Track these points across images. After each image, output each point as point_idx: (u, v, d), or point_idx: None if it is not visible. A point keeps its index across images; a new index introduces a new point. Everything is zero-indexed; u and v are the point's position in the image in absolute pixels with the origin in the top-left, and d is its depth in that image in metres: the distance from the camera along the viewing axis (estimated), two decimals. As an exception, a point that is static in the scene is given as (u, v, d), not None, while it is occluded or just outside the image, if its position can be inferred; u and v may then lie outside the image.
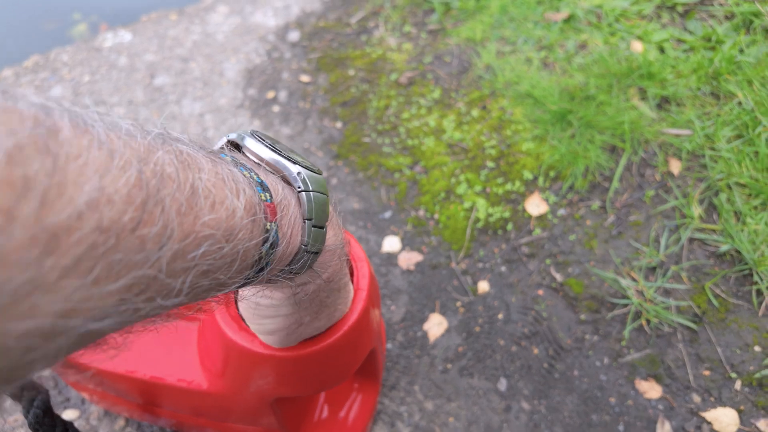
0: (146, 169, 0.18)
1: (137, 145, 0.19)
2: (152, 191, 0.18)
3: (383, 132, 1.12)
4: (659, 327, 0.81)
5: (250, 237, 0.24)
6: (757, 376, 0.75)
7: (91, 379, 0.61)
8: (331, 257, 0.34)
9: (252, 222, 0.24)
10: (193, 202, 0.20)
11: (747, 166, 0.90)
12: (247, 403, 0.53)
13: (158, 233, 0.18)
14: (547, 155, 1.00)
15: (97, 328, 0.17)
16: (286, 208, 0.28)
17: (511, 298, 0.87)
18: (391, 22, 1.36)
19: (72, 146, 0.16)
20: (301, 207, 0.29)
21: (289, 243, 0.28)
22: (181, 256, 0.19)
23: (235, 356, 0.47)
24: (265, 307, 0.38)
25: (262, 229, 0.25)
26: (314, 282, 0.35)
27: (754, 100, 0.97)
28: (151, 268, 0.18)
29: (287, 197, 0.28)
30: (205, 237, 0.20)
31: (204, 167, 0.22)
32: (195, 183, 0.20)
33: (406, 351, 0.83)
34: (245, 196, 0.23)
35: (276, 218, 0.26)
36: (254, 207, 0.24)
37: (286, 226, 0.27)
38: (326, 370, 0.48)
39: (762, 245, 0.82)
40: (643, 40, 1.16)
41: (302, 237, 0.29)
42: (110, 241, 0.16)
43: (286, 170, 0.29)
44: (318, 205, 0.29)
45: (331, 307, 0.40)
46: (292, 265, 0.29)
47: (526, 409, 0.77)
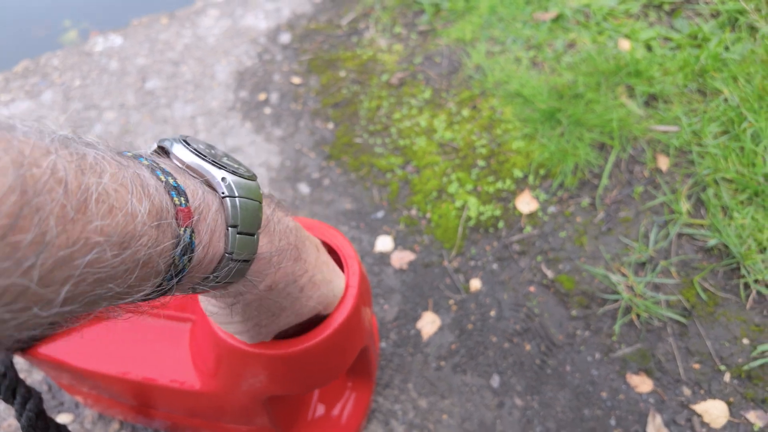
0: (30, 173, 0.17)
1: (28, 149, 0.18)
2: (30, 197, 0.17)
3: (375, 132, 1.13)
4: (649, 321, 0.82)
5: (155, 243, 0.23)
6: (745, 369, 0.76)
7: (84, 382, 0.61)
8: (266, 266, 0.33)
9: (156, 227, 0.23)
10: (84, 208, 0.19)
11: (733, 162, 0.91)
12: (240, 403, 0.54)
13: (34, 240, 0.17)
14: (536, 153, 1.01)
15: None
16: (205, 213, 0.27)
17: (503, 296, 0.88)
18: (381, 24, 1.37)
19: None
20: (225, 213, 0.28)
21: (208, 250, 0.27)
22: (64, 263, 0.18)
23: (226, 355, 0.47)
24: (217, 315, 0.38)
25: (171, 234, 0.24)
26: (251, 292, 0.33)
27: (739, 97, 0.99)
28: (22, 277, 0.17)
29: (207, 202, 0.27)
30: (96, 243, 0.19)
31: (107, 171, 0.21)
32: (89, 188, 0.20)
33: (399, 349, 0.84)
34: (150, 200, 0.23)
35: (190, 223, 0.25)
36: (161, 212, 0.23)
37: (203, 232, 0.26)
38: (317, 368, 0.48)
39: (749, 239, 0.83)
40: (630, 38, 1.17)
41: (225, 244, 0.28)
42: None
43: (209, 175, 0.28)
44: (246, 212, 0.28)
45: (291, 306, 0.39)
46: (216, 273, 0.28)
47: (519, 405, 0.78)
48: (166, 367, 0.54)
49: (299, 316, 0.42)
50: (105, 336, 0.57)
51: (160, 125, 1.19)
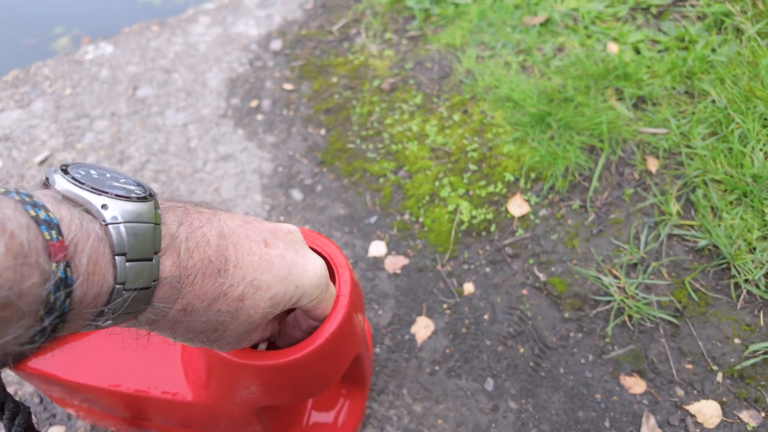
0: None
1: None
2: None
3: (367, 138, 1.13)
4: (642, 323, 0.82)
5: (17, 283, 0.21)
6: (738, 368, 0.77)
7: (75, 395, 0.61)
8: (172, 291, 0.30)
9: (18, 267, 0.21)
10: None
11: (722, 163, 0.92)
12: (233, 413, 0.53)
13: None
14: (527, 157, 1.02)
15: None
16: (82, 244, 0.25)
17: (496, 299, 0.88)
18: (372, 29, 1.37)
19: None
20: (110, 241, 0.26)
21: (92, 282, 0.25)
22: None
23: (216, 367, 0.47)
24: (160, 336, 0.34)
25: (38, 272, 0.22)
26: (166, 315, 0.31)
27: (726, 98, 1.00)
28: None
29: (87, 231, 0.25)
30: None
31: None
32: None
33: (394, 355, 0.84)
34: (10, 239, 0.21)
35: (64, 257, 0.24)
36: (21, 251, 0.22)
37: (82, 264, 0.25)
38: (310, 378, 0.48)
39: (738, 239, 0.84)
40: (618, 41, 1.18)
41: (114, 274, 0.26)
42: None
43: (87, 203, 0.27)
44: (135, 237, 0.27)
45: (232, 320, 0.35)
46: (110, 305, 0.27)
47: (513, 409, 0.78)
48: (158, 378, 0.54)
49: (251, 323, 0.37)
50: (95, 349, 0.57)
51: (152, 133, 1.19)
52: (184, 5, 1.81)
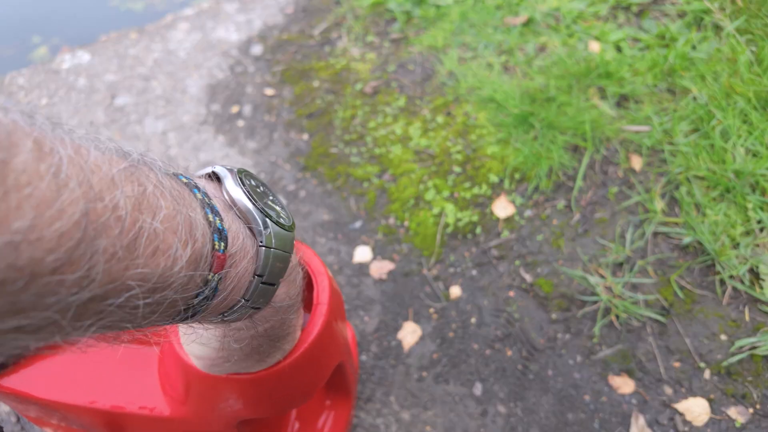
0: (95, 208, 0.17)
1: (97, 180, 0.17)
2: (89, 234, 0.16)
3: (350, 142, 1.12)
4: (629, 322, 0.82)
5: (183, 289, 0.22)
6: (724, 365, 0.77)
7: (52, 414, 0.59)
8: (274, 313, 0.33)
9: (189, 277, 0.22)
10: (131, 249, 0.19)
11: (704, 159, 0.92)
12: (214, 427, 0.52)
13: (80, 278, 0.17)
14: (511, 158, 1.01)
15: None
16: (238, 261, 0.26)
17: (483, 302, 0.87)
18: (353, 33, 1.36)
19: (24, 174, 0.15)
20: (257, 261, 0.28)
21: (228, 297, 0.27)
22: (97, 300, 0.18)
23: (193, 381, 0.46)
24: (196, 334, 0.37)
25: (201, 281, 0.23)
26: (247, 332, 0.33)
27: (707, 95, 1.00)
28: (58, 312, 0.17)
29: (246, 249, 0.27)
30: (131, 287, 0.19)
31: (162, 209, 0.20)
32: (143, 227, 0.19)
33: (380, 362, 0.82)
34: (194, 247, 0.22)
35: (222, 270, 0.25)
36: (199, 260, 0.23)
37: (230, 279, 0.26)
38: (291, 389, 0.47)
39: (722, 235, 0.84)
40: (600, 40, 1.18)
41: (245, 291, 0.28)
42: (21, 281, 0.15)
43: (255, 222, 0.28)
44: (275, 262, 0.28)
45: (264, 353, 0.39)
46: (225, 315, 0.28)
47: (502, 413, 0.77)
48: (135, 393, 0.52)
49: (260, 363, 0.41)
50: (70, 365, 0.55)
51: (131, 142, 1.17)
52: (166, 12, 1.79)
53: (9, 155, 0.15)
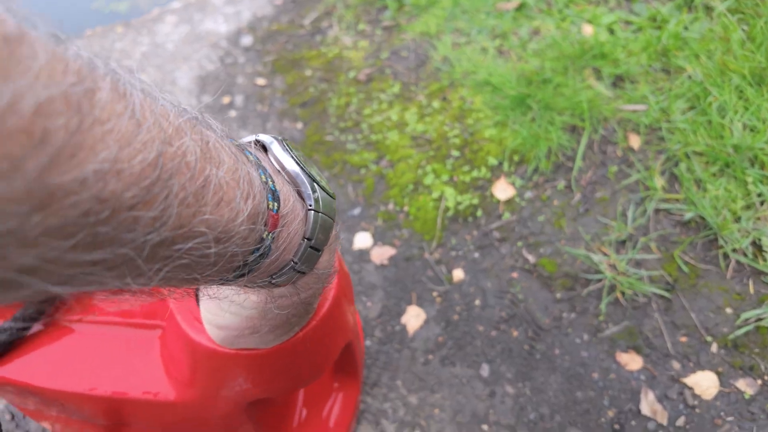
0: (167, 151, 0.18)
1: (167, 124, 0.18)
2: (164, 175, 0.17)
3: (346, 129, 1.10)
4: (634, 298, 0.81)
5: (241, 243, 0.23)
6: (731, 338, 0.76)
7: (51, 404, 0.56)
8: (315, 281, 0.33)
9: (249, 230, 0.23)
10: (200, 196, 0.19)
11: (702, 135, 0.92)
12: (221, 411, 0.50)
13: (154, 217, 0.17)
14: (509, 140, 1.01)
15: (55, 291, 0.17)
16: (290, 223, 0.27)
17: (486, 284, 0.86)
18: (345, 22, 1.35)
19: (104, 110, 0.15)
20: (306, 225, 0.28)
21: (279, 257, 0.27)
22: (167, 244, 0.19)
23: (202, 361, 0.44)
24: (231, 302, 0.36)
25: (257, 238, 0.24)
26: (290, 299, 0.33)
27: (702, 73, 1.00)
28: (133, 250, 0.17)
29: (295, 212, 0.27)
30: (199, 233, 0.20)
31: (225, 163, 0.21)
32: (209, 177, 0.20)
33: (385, 346, 0.81)
34: (253, 201, 0.23)
35: (275, 230, 0.25)
36: (258, 215, 0.23)
37: (282, 240, 0.27)
38: (300, 366, 0.45)
39: (723, 210, 0.84)
40: (593, 23, 1.18)
41: (294, 254, 0.28)
42: (104, 213, 0.16)
43: (303, 186, 0.28)
44: (322, 228, 0.29)
45: (287, 326, 0.39)
46: (274, 278, 0.29)
47: (510, 393, 0.76)
48: (137, 378, 0.50)
49: (280, 337, 0.40)
50: (68, 352, 0.53)
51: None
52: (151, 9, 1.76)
53: (94, 88, 0.15)
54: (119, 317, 0.54)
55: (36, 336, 0.53)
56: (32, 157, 0.13)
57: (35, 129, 0.13)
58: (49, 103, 0.14)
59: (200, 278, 0.23)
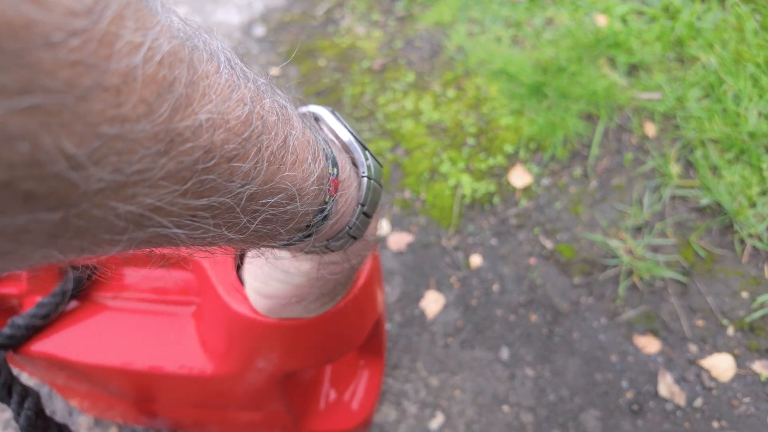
0: (256, 110, 0.19)
1: (252, 86, 0.20)
2: (255, 132, 0.19)
3: (361, 118, 1.11)
4: (651, 283, 0.82)
5: (311, 203, 0.24)
6: (747, 321, 0.77)
7: (82, 380, 0.57)
8: (364, 247, 0.35)
9: (318, 190, 0.24)
10: (280, 155, 0.21)
11: (717, 123, 0.93)
12: (254, 384, 0.51)
13: (248, 171, 0.19)
14: (525, 128, 1.01)
15: (171, 234, 0.18)
16: (347, 189, 0.28)
17: (504, 269, 0.87)
18: (357, 12, 1.35)
19: (204, 67, 0.17)
20: (360, 191, 0.30)
21: (338, 221, 0.29)
22: (256, 198, 0.20)
23: (240, 331, 0.45)
24: (282, 271, 0.37)
25: (321, 200, 0.25)
26: (341, 265, 0.35)
27: (717, 62, 1.01)
28: (232, 199, 0.19)
29: (351, 178, 0.29)
30: (281, 189, 0.21)
31: (296, 126, 0.23)
32: (288, 137, 0.21)
33: (405, 330, 0.82)
34: (320, 165, 0.24)
35: (336, 194, 0.27)
36: (323, 177, 0.25)
37: (341, 204, 0.28)
38: (336, 338, 0.46)
39: (739, 196, 0.85)
40: (606, 13, 1.19)
41: (351, 219, 0.30)
42: (211, 161, 0.17)
43: (357, 153, 0.30)
44: (373, 195, 0.30)
45: (331, 295, 0.40)
46: (330, 242, 0.30)
47: (530, 375, 0.77)
48: (173, 353, 0.51)
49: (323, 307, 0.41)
50: (105, 328, 0.54)
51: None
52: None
53: (194, 46, 0.17)
54: (153, 294, 0.55)
55: (73, 312, 0.54)
56: (161, 102, 0.15)
57: (161, 77, 0.15)
58: (171, 55, 0.15)
59: (278, 234, 0.24)
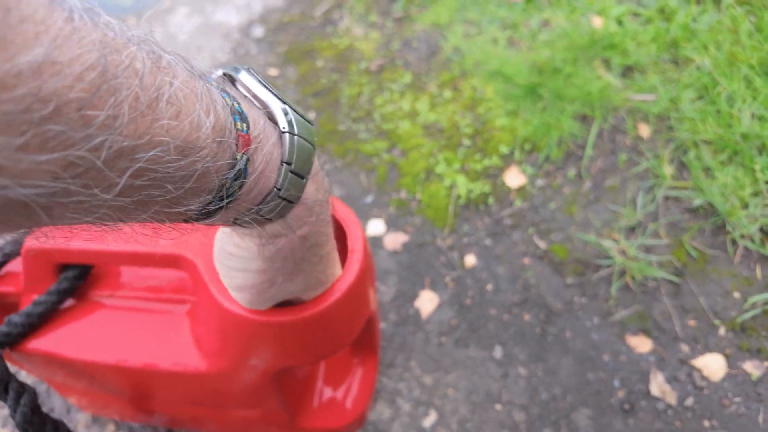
0: (111, 57, 0.18)
1: (110, 36, 0.18)
2: (109, 78, 0.17)
3: (358, 119, 1.12)
4: (644, 283, 0.83)
5: (214, 158, 0.23)
6: (739, 321, 0.78)
7: (79, 377, 0.58)
8: (307, 213, 0.33)
9: (218, 144, 0.23)
10: (155, 105, 0.20)
11: (711, 124, 0.93)
12: (248, 381, 0.52)
13: (106, 121, 0.18)
14: (521, 129, 1.02)
15: (25, 195, 0.17)
16: (262, 144, 0.27)
17: (498, 269, 0.88)
18: (355, 13, 1.36)
19: (35, 11, 0.16)
20: (282, 148, 0.28)
21: (259, 180, 0.27)
22: (126, 153, 0.19)
23: (233, 329, 0.46)
24: (236, 258, 0.36)
25: (229, 155, 0.24)
26: (287, 236, 0.33)
27: (711, 63, 1.02)
28: (91, 153, 0.18)
29: (267, 134, 0.27)
30: (160, 142, 0.20)
31: (179, 76, 0.21)
32: (162, 87, 0.20)
33: (400, 329, 0.83)
34: (216, 116, 0.23)
35: (248, 150, 0.25)
36: (224, 130, 0.23)
37: (258, 162, 0.26)
38: (328, 335, 0.47)
39: (731, 197, 0.86)
40: (602, 15, 1.19)
41: (277, 179, 0.28)
42: (47, 109, 0.16)
43: (273, 106, 0.28)
44: (301, 151, 0.28)
45: (308, 272, 0.38)
46: (261, 206, 0.28)
47: (523, 374, 0.78)
48: (168, 350, 0.52)
49: (307, 286, 0.41)
50: (100, 326, 0.54)
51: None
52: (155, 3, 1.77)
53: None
54: (149, 293, 0.56)
55: (69, 310, 0.55)
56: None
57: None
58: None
59: (175, 196, 0.22)
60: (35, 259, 0.52)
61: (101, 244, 0.50)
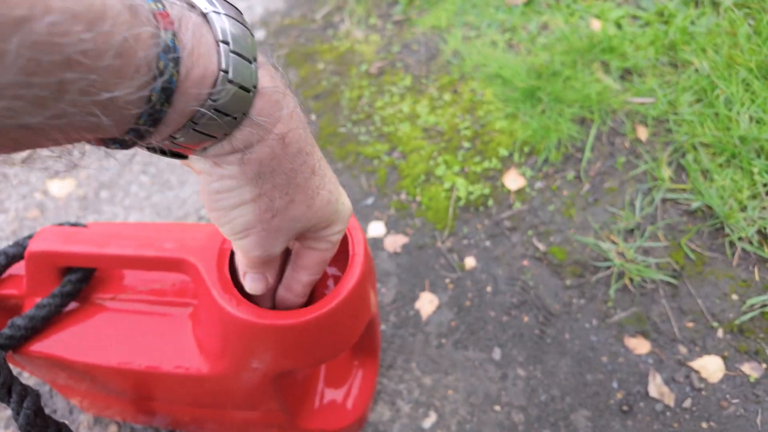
0: None
1: None
2: None
3: (358, 121, 1.13)
4: (642, 285, 0.84)
5: (130, 26, 0.21)
6: (737, 323, 0.79)
7: (81, 380, 0.59)
8: (274, 106, 0.29)
9: (129, 10, 0.21)
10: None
11: (709, 127, 0.94)
12: (249, 384, 0.52)
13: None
14: (520, 132, 1.03)
15: None
16: (185, 23, 0.24)
17: (497, 271, 0.88)
18: (356, 16, 1.37)
19: None
20: (213, 29, 0.26)
21: (198, 60, 0.25)
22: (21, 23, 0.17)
23: (234, 332, 0.46)
24: (225, 194, 0.32)
25: (149, 25, 0.22)
26: (264, 140, 0.29)
27: (709, 66, 1.02)
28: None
29: (188, 15, 0.25)
30: (56, 9, 0.18)
31: None
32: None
33: (399, 330, 0.83)
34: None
35: (170, 26, 0.23)
36: (134, 2, 0.21)
37: (187, 39, 0.24)
38: (329, 338, 0.48)
39: (730, 199, 0.86)
40: (600, 18, 1.20)
41: (218, 61, 0.26)
42: None
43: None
44: (235, 29, 0.26)
45: (304, 187, 0.34)
46: (213, 93, 0.26)
47: (522, 376, 0.78)
48: (170, 353, 0.53)
49: (314, 210, 0.36)
50: (103, 328, 0.55)
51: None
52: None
53: None
54: (151, 295, 0.56)
55: (72, 313, 0.56)
56: None
57: None
58: None
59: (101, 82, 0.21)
60: (38, 262, 0.53)
61: (104, 248, 0.51)
